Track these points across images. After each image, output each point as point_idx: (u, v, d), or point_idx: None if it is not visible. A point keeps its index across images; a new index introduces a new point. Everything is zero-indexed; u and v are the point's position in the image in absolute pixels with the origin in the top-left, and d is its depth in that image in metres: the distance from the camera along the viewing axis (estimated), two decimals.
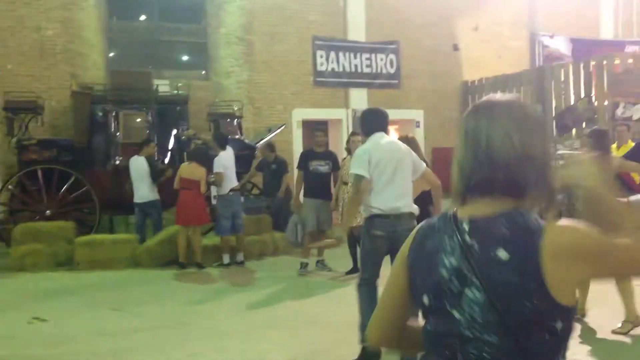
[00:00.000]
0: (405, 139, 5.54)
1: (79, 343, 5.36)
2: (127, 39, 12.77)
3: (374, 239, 4.57)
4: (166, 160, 10.34)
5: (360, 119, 5.13)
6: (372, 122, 4.89)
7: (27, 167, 9.69)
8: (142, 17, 13.16)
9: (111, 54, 12.33)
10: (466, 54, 14.17)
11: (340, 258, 8.17)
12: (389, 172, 4.58)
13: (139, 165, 9.22)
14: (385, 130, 4.88)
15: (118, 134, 10.16)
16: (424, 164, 4.90)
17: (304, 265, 8.10)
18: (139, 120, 10.35)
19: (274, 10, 12.68)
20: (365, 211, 4.67)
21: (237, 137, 10.65)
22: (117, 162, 10.07)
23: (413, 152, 4.83)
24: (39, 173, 9.59)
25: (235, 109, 11.31)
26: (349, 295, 6.41)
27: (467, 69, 14.17)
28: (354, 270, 7.40)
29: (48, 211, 9.57)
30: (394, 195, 4.57)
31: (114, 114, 10.17)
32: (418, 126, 13.83)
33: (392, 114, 14.02)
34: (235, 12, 12.52)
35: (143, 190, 9.18)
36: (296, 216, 8.38)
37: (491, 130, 1.39)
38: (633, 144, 7.09)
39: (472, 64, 14.14)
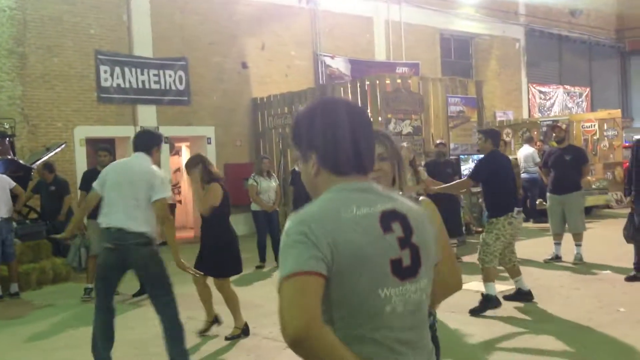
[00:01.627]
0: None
1: None
2: None
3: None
4: None
5: None
6: (133, 142, 4.97)
7: None
8: None
9: None
10: (254, 71, 14.54)
11: (126, 280, 7.81)
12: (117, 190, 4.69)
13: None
14: (144, 150, 4.82)
15: None
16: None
17: (88, 291, 7.61)
18: None
19: (50, 22, 11.85)
20: None
21: (9, 157, 9.74)
22: None
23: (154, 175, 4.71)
24: None
25: (7, 126, 10.35)
26: (141, 315, 6.21)
27: (256, 86, 14.54)
28: (142, 291, 7.14)
29: None
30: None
31: None
32: (209, 142, 13.83)
33: (184, 130, 14.08)
34: (4, 22, 11.46)
35: None
36: (79, 239, 7.88)
37: None
38: None
39: (261, 82, 14.55)
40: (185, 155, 14.95)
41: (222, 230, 5.96)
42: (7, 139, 10.13)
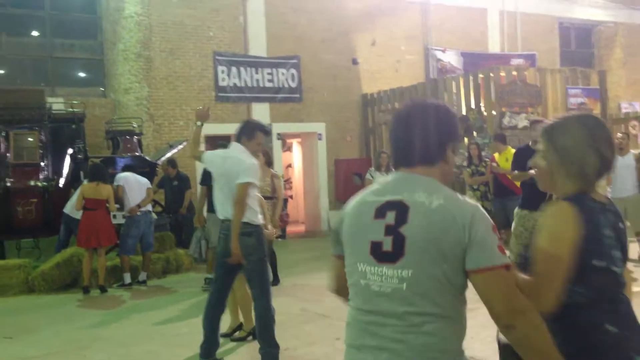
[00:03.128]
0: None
1: None
2: (18, 56, 12.25)
3: None
4: (62, 181, 9.94)
5: None
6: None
7: None
8: (34, 33, 12.67)
9: (1, 72, 11.77)
10: (365, 67, 14.61)
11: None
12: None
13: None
14: (237, 140, 4.93)
15: (8, 154, 9.69)
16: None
17: (208, 281, 8.04)
18: (30, 139, 9.92)
19: (173, 26, 12.56)
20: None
21: (136, 154, 10.44)
22: (8, 185, 9.59)
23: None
24: None
25: (135, 126, 11.10)
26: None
27: (366, 82, 14.60)
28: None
29: None
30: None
31: (3, 134, 9.71)
32: (320, 138, 14.07)
33: (295, 127, 14.35)
34: (132, 27, 12.30)
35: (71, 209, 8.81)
36: (200, 231, 8.32)
37: None
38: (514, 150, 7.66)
39: (371, 77, 14.60)
40: (297, 151, 15.31)
41: None
42: (136, 137, 10.86)
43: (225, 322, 5.96)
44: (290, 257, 10.40)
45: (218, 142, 8.69)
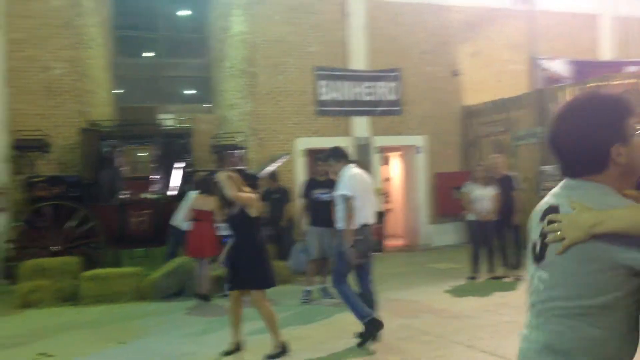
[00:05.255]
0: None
1: None
2: (133, 76, 13.07)
3: None
4: (171, 193, 10.47)
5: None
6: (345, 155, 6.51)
7: (35, 203, 9.88)
8: (148, 54, 13.47)
9: (118, 91, 12.60)
10: (466, 78, 14.33)
11: None
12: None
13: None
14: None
15: (124, 168, 10.34)
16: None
17: (306, 293, 8.16)
18: (144, 154, 10.54)
19: (276, 43, 12.93)
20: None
21: (238, 167, 10.81)
22: (123, 197, 10.24)
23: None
24: (47, 209, 9.77)
25: (239, 140, 11.50)
26: (350, 321, 6.50)
27: (467, 94, 14.32)
28: None
29: (55, 247, 9.71)
30: None
31: (120, 149, 10.38)
32: (419, 152, 13.94)
33: (394, 140, 14.27)
34: (238, 45, 12.79)
35: (178, 218, 9.26)
36: (300, 244, 8.47)
37: None
38: None
39: (472, 89, 14.29)
40: (394, 164, 15.23)
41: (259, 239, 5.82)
42: (240, 151, 11.25)
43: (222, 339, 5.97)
44: (387, 271, 10.34)
45: (318, 155, 8.85)
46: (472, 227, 9.44)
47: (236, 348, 5.89)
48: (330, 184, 8.31)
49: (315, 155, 8.95)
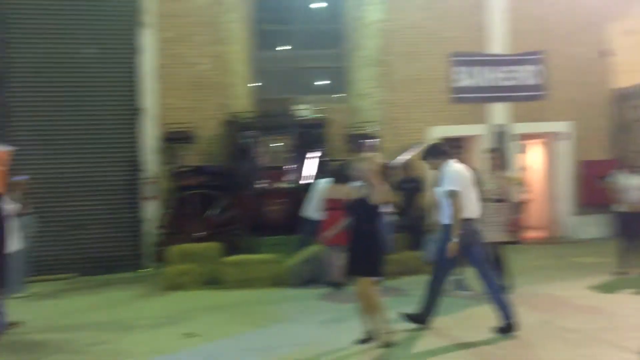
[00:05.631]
0: None
1: (227, 358, 5.74)
2: (271, 68, 13.48)
3: None
4: (306, 182, 10.69)
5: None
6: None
7: (182, 192, 10.53)
8: (285, 47, 13.83)
9: (257, 84, 13.05)
10: (617, 59, 13.24)
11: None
12: None
13: (314, 186, 9.49)
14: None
15: (262, 158, 10.73)
16: None
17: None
18: (280, 144, 10.86)
19: (412, 30, 12.75)
20: None
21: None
22: (261, 186, 10.63)
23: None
24: (193, 198, 10.38)
25: (372, 129, 11.49)
26: (486, 314, 6.28)
27: (619, 75, 13.23)
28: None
29: (200, 233, 10.30)
30: None
31: (259, 139, 10.78)
32: (564, 138, 13.13)
33: (535, 127, 13.59)
34: (373, 34, 12.77)
35: (310, 210, 9.40)
36: (432, 234, 8.30)
37: None
38: None
39: (624, 70, 13.17)
40: (535, 152, 14.44)
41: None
42: (373, 140, 11.23)
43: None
44: (528, 264, 9.87)
45: (452, 143, 8.61)
46: (622, 218, 8.73)
47: (369, 337, 5.90)
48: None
49: (451, 144, 8.70)
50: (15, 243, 7.07)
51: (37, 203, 9.52)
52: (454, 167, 6.28)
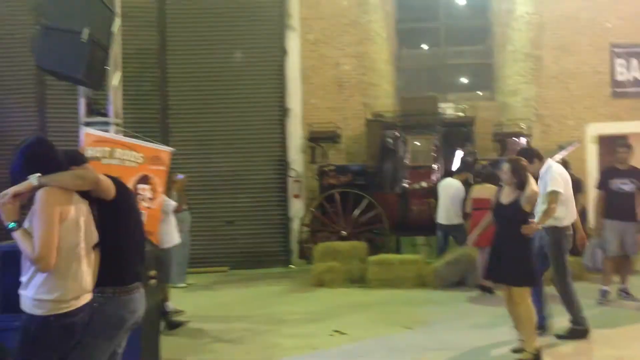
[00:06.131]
0: None
1: (375, 358, 5.68)
2: (414, 66, 13.31)
3: None
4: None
5: None
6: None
7: (326, 191, 10.66)
8: (428, 44, 13.59)
9: (400, 82, 12.94)
10: None
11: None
12: None
13: (452, 188, 9.34)
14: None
15: (406, 158, 10.58)
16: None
17: (604, 294, 7.40)
18: (425, 144, 10.66)
19: (566, 21, 11.99)
20: None
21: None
22: (405, 185, 10.49)
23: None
24: (336, 196, 10.47)
25: (522, 127, 10.95)
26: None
27: None
28: None
29: (344, 232, 10.36)
30: None
31: (402, 138, 10.65)
32: None
33: None
34: (523, 28, 12.18)
35: (450, 213, 9.27)
36: (595, 240, 7.74)
37: None
38: None
39: None
40: None
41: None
42: (524, 138, 10.69)
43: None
44: None
45: (618, 141, 7.94)
46: None
47: (522, 348, 5.54)
48: (633, 174, 7.41)
49: (617, 141, 8.04)
50: (175, 237, 7.49)
51: (193, 200, 10.07)
52: (556, 168, 6.03)
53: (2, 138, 10.68)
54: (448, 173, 9.94)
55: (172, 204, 7.58)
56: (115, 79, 7.62)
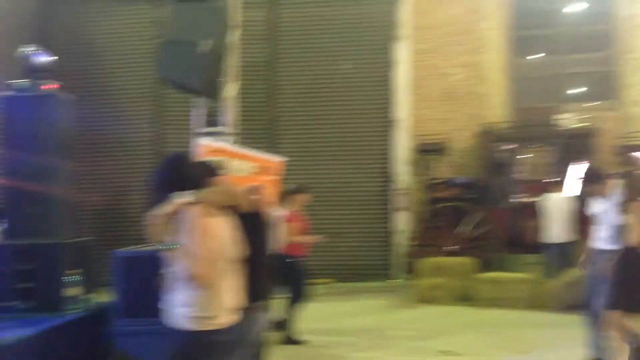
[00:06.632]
0: None
1: None
2: (529, 75, 12.74)
3: None
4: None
5: None
6: None
7: (434, 204, 10.40)
8: (545, 52, 12.98)
9: (514, 92, 12.42)
10: None
11: None
12: None
13: (558, 204, 8.90)
14: None
15: (520, 171, 10.13)
16: None
17: None
18: (541, 156, 10.15)
19: None
20: None
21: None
22: (517, 200, 10.03)
23: None
24: (445, 211, 10.18)
25: None
26: None
27: None
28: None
29: (452, 247, 10.04)
30: None
31: (516, 151, 10.20)
32: None
33: None
34: None
35: (559, 230, 8.82)
36: None
37: None
38: None
39: None
40: None
41: None
42: None
43: None
44: None
45: None
46: None
47: None
48: None
49: None
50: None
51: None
52: None
53: (121, 147, 11.30)
54: (565, 188, 9.40)
55: (277, 215, 7.60)
56: (231, 90, 7.81)
